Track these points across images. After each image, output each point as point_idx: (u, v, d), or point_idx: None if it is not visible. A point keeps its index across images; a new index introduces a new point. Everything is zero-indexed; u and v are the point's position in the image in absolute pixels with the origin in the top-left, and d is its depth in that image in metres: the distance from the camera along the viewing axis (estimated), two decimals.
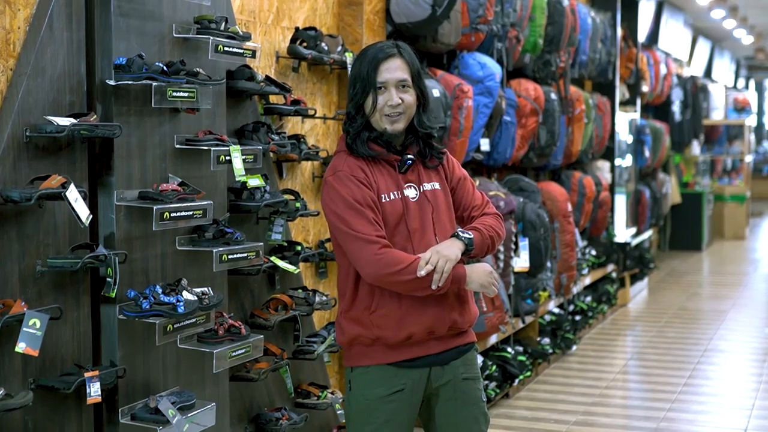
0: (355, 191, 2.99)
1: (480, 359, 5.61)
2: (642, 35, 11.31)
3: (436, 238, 3.07)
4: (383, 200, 3.06)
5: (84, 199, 3.14)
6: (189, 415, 3.47)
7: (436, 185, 3.14)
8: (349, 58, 4.74)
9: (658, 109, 13.14)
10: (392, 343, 3.04)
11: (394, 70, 3.05)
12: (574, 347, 7.57)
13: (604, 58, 8.87)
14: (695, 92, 13.91)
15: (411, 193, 3.09)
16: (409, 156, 3.08)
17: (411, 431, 3.14)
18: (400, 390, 3.07)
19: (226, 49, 3.66)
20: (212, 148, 3.62)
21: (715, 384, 6.77)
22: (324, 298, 4.43)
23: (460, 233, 3.05)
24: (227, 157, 3.67)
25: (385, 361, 3.06)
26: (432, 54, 5.73)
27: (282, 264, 4.17)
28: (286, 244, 4.35)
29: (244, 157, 3.72)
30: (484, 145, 6.15)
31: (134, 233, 3.44)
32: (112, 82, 3.32)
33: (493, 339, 6.14)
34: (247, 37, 3.80)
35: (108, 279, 3.23)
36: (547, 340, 7.08)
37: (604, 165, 9.40)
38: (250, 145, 3.89)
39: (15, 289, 3.07)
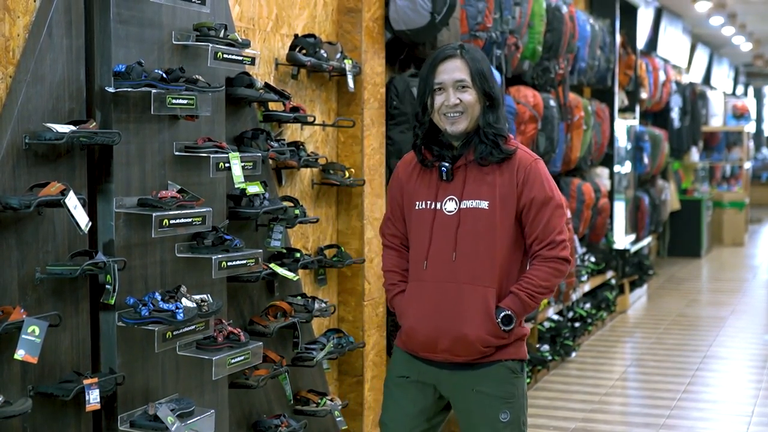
0: (392, 187, 3.29)
1: None
2: (641, 42, 11.33)
3: (454, 257, 3.03)
4: (416, 207, 3.11)
5: (83, 206, 3.14)
6: (188, 422, 3.46)
7: (482, 203, 3.02)
8: (348, 65, 4.75)
9: (657, 115, 13.15)
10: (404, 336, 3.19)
11: (452, 71, 3.05)
12: (574, 354, 7.56)
13: (603, 64, 8.88)
14: (694, 99, 13.92)
15: (450, 206, 3.06)
16: (444, 164, 3.06)
17: (425, 424, 3.17)
18: (406, 376, 3.17)
19: (225, 56, 3.66)
20: (211, 155, 3.62)
21: (714, 391, 6.76)
22: (323, 305, 4.43)
23: (498, 312, 3.03)
24: (226, 164, 3.67)
25: (402, 346, 3.21)
26: None
27: (281, 271, 4.17)
28: (285, 251, 4.35)
29: (243, 164, 3.72)
30: None
31: (133, 240, 3.44)
32: (111, 90, 3.32)
33: None
34: (246, 44, 3.81)
35: (107, 286, 3.23)
36: (546, 346, 7.08)
37: (603, 172, 9.40)
38: (249, 152, 3.89)
39: (14, 296, 3.07)
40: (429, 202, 3.08)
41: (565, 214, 3.09)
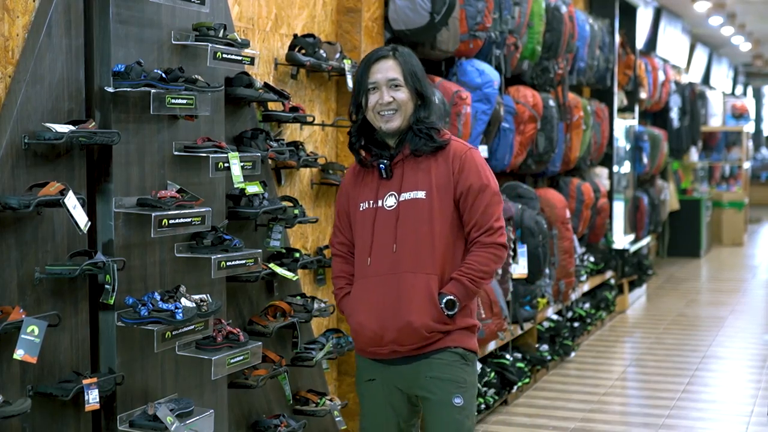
0: (339, 195, 3.33)
1: (478, 366, 5.61)
2: (640, 42, 11.32)
3: (395, 248, 3.10)
4: (360, 209, 3.22)
5: (82, 206, 3.14)
6: (187, 422, 3.46)
7: (420, 194, 3.12)
8: (347, 65, 4.75)
9: (656, 115, 13.15)
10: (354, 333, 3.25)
11: (386, 70, 3.16)
12: (573, 354, 7.56)
13: (602, 64, 8.88)
14: (693, 99, 13.92)
15: (390, 201, 3.15)
16: (382, 161, 3.16)
17: (402, 424, 3.24)
18: (372, 380, 3.23)
19: (224, 56, 3.66)
20: (211, 155, 3.62)
21: (713, 391, 6.77)
22: (322, 305, 4.43)
23: (441, 297, 3.10)
24: (226, 164, 3.67)
25: (358, 351, 3.27)
26: (430, 61, 5.73)
27: (280, 271, 4.17)
28: (284, 251, 4.35)
29: (242, 163, 3.73)
30: (483, 151, 6.15)
31: (133, 240, 3.44)
32: (110, 89, 3.32)
33: (492, 346, 6.14)
34: (245, 44, 3.81)
35: (106, 286, 3.23)
36: (545, 346, 7.08)
37: (602, 172, 9.40)
38: (248, 152, 3.89)
39: (13, 296, 3.07)
40: (371, 202, 3.18)
41: (501, 201, 3.18)
